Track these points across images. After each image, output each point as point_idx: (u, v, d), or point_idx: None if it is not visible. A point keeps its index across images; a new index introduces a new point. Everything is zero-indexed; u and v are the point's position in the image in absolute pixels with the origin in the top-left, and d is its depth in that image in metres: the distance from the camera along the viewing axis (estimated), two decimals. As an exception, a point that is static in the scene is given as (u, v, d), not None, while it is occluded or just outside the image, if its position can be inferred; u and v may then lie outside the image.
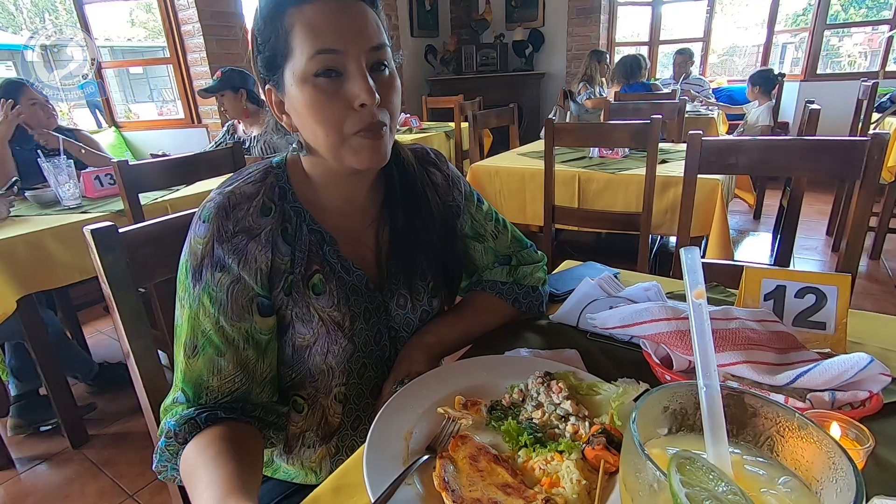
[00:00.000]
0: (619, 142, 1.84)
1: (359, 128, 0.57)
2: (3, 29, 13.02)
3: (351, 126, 0.57)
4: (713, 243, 1.69)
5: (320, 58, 0.55)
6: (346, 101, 0.56)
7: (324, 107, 0.56)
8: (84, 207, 1.75)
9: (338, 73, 0.55)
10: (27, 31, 13.06)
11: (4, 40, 11.38)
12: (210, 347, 0.59)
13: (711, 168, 1.23)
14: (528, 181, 2.06)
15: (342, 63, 0.55)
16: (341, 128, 0.57)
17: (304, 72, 0.55)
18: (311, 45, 0.55)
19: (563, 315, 0.77)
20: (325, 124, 0.57)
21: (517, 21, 5.29)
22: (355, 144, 0.58)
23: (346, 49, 0.55)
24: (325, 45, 0.54)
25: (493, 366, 0.65)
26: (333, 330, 0.65)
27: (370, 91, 0.55)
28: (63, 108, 9.67)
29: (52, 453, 1.74)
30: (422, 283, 0.73)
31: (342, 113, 0.56)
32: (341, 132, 0.57)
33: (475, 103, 3.51)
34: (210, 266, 0.59)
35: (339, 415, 0.70)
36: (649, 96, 3.30)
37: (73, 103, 8.03)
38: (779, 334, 0.59)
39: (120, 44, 10.21)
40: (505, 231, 0.81)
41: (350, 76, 0.55)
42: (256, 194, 0.62)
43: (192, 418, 0.56)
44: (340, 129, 0.57)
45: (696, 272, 0.34)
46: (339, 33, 0.55)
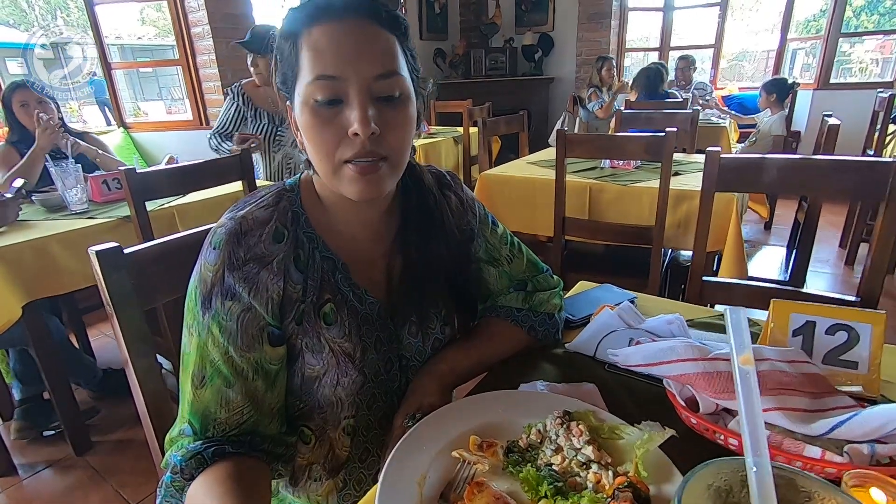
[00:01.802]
0: (633, 154, 1.81)
1: (350, 156, 0.54)
2: (16, 26, 13.15)
3: (343, 153, 0.55)
4: (727, 259, 1.66)
5: (320, 83, 0.53)
6: (342, 127, 0.54)
7: (319, 131, 0.54)
8: (91, 213, 1.73)
9: (339, 100, 0.54)
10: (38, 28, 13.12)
11: (16, 38, 11.46)
12: (218, 378, 0.57)
13: (729, 186, 1.20)
14: (538, 191, 2.03)
15: (343, 90, 0.53)
16: (334, 154, 0.55)
17: (305, 95, 0.54)
18: (313, 70, 0.53)
19: (580, 345, 0.75)
20: (318, 149, 0.55)
21: (527, 25, 5.27)
22: (348, 175, 0.56)
23: (348, 76, 0.53)
24: (324, 71, 0.53)
25: (508, 401, 0.62)
26: (344, 361, 0.63)
27: (364, 121, 0.52)
28: (73, 106, 9.75)
29: (55, 460, 1.73)
30: (434, 311, 0.71)
31: (336, 139, 0.54)
32: (334, 158, 0.55)
33: (484, 109, 3.49)
34: (220, 294, 0.57)
35: (348, 448, 0.68)
36: (662, 105, 3.25)
37: (83, 101, 8.07)
38: (811, 377, 0.57)
39: (130, 42, 10.27)
40: (520, 255, 0.79)
41: (349, 104, 0.53)
42: (269, 220, 0.60)
43: (198, 453, 0.54)
44: (333, 155, 0.55)
45: (742, 334, 0.31)
46: (342, 59, 0.52)
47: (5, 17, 13.51)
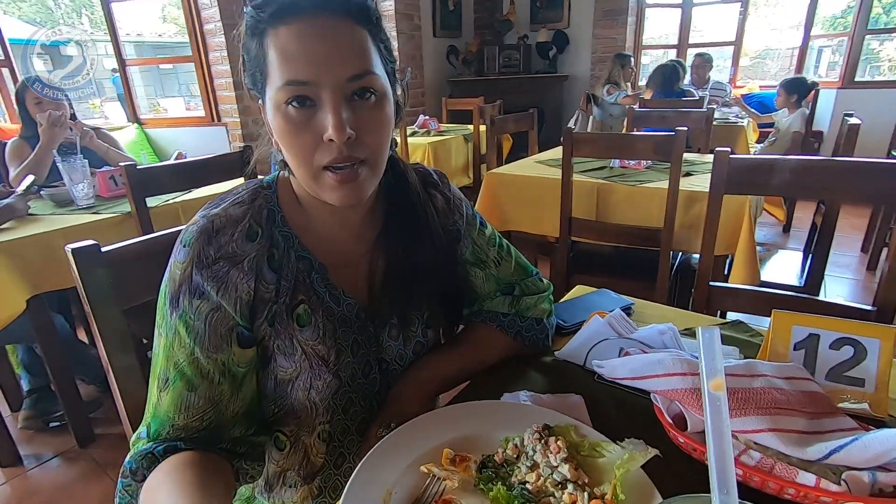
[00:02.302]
0: (642, 154, 1.76)
1: (328, 160, 0.52)
2: (42, 24, 13.46)
3: (320, 158, 0.53)
4: (739, 263, 1.60)
5: (290, 88, 0.51)
6: (317, 132, 0.52)
7: (293, 137, 0.52)
8: (96, 208, 1.75)
9: (311, 103, 0.51)
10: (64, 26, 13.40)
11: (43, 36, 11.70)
12: (181, 381, 0.55)
13: (739, 188, 1.15)
14: (545, 191, 1.99)
15: (315, 93, 0.51)
16: (311, 160, 0.53)
17: (276, 99, 0.52)
18: (283, 74, 0.51)
19: (570, 353, 0.71)
20: (295, 155, 0.53)
21: (542, 22, 5.19)
22: (328, 183, 0.54)
23: (319, 80, 0.50)
24: (294, 76, 0.50)
25: (488, 412, 0.60)
26: (317, 364, 0.61)
27: (339, 127, 0.50)
28: (95, 102, 9.96)
29: (59, 452, 1.75)
30: (416, 314, 0.69)
31: (312, 144, 0.52)
32: (311, 164, 0.53)
33: (495, 106, 3.45)
34: (188, 293, 0.55)
35: (323, 454, 0.66)
36: (676, 103, 3.17)
37: (105, 97, 8.23)
38: (811, 395, 0.53)
39: (152, 39, 10.44)
40: (508, 258, 0.76)
41: (322, 107, 0.51)
42: (242, 218, 0.58)
43: (149, 452, 0.52)
44: (310, 161, 0.53)
45: (714, 357, 0.28)
46: (312, 63, 0.50)
47: (32, 15, 13.88)
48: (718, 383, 0.28)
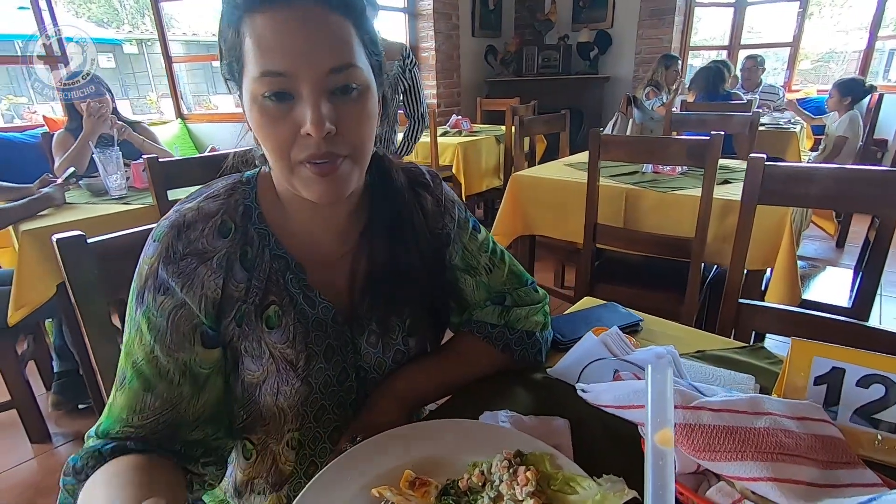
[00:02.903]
0: (674, 159, 1.66)
1: (305, 156, 0.50)
2: (107, 24, 14.24)
3: (298, 153, 0.50)
4: (777, 280, 1.48)
5: (266, 80, 0.48)
6: (295, 125, 0.49)
7: (271, 131, 0.49)
8: (127, 198, 1.81)
9: (289, 96, 0.48)
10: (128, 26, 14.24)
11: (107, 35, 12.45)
12: (137, 381, 0.53)
13: (775, 198, 1.06)
14: (570, 195, 1.92)
15: (293, 86, 0.48)
16: (288, 154, 0.50)
17: (252, 90, 0.49)
18: (258, 64, 0.48)
19: (562, 371, 0.66)
20: (272, 149, 0.51)
21: (584, 22, 5.06)
22: (304, 176, 0.51)
23: (297, 72, 0.47)
24: (271, 68, 0.47)
25: (460, 432, 0.55)
26: (285, 369, 0.58)
27: (318, 121, 0.47)
28: (152, 98, 10.41)
29: (85, 432, 1.82)
30: (397, 320, 0.65)
31: (289, 138, 0.49)
32: (289, 159, 0.50)
33: (529, 107, 3.37)
34: (153, 288, 0.53)
35: (292, 462, 0.63)
36: (719, 107, 3.00)
37: (161, 93, 8.64)
38: (826, 440, 0.46)
39: (206, 39, 10.89)
40: (501, 265, 0.71)
41: (300, 100, 0.48)
42: (216, 213, 0.56)
43: (96, 450, 0.50)
44: (288, 156, 0.50)
45: (665, 404, 0.23)
46: (290, 54, 0.47)
47: (100, 16, 14.74)
48: (666, 436, 0.23)
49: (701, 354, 0.71)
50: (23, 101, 7.43)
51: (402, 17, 4.60)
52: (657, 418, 0.23)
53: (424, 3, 4.46)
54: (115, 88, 2.18)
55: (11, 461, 1.68)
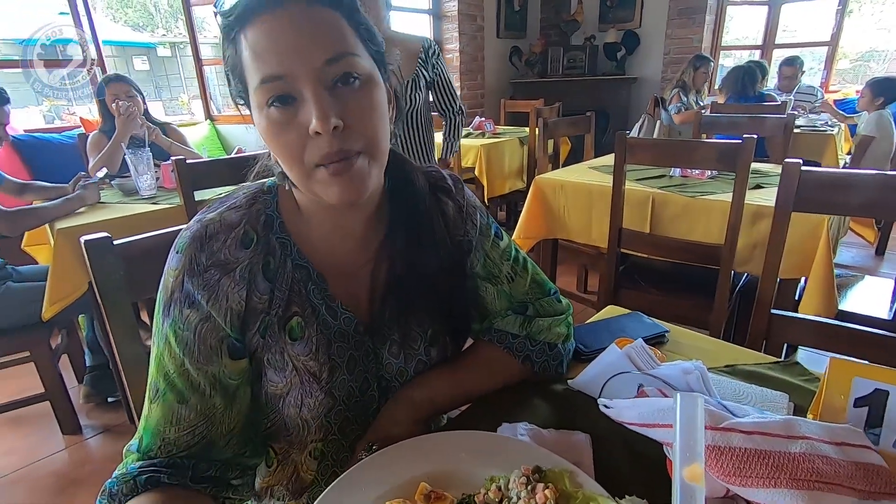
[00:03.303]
0: (703, 163, 1.61)
1: (319, 158, 0.49)
2: (143, 28, 14.69)
3: (311, 155, 0.49)
4: (812, 290, 1.42)
5: (267, 87, 0.48)
6: (302, 127, 0.48)
7: (280, 137, 0.49)
8: (157, 198, 1.85)
9: (292, 98, 0.48)
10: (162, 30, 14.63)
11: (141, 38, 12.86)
12: (171, 393, 0.53)
13: (811, 205, 1.01)
14: (595, 198, 1.88)
15: (293, 87, 0.47)
16: (302, 158, 0.49)
17: (257, 100, 0.49)
18: (256, 74, 0.48)
19: (584, 383, 0.64)
20: (284, 157, 0.50)
21: (611, 22, 4.98)
22: (321, 178, 0.50)
23: (293, 71, 0.47)
24: (268, 72, 0.47)
25: (477, 444, 0.54)
26: (308, 381, 0.58)
27: (323, 116, 0.46)
28: (184, 99, 10.69)
29: (114, 425, 1.87)
30: (418, 330, 0.64)
31: (300, 142, 0.48)
32: (303, 163, 0.49)
33: (554, 109, 3.33)
34: (179, 301, 0.53)
35: (314, 471, 0.63)
36: (751, 108, 2.90)
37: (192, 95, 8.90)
38: (867, 468, 0.43)
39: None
40: (524, 273, 0.69)
41: (303, 101, 0.48)
42: (238, 224, 0.56)
43: (132, 478, 0.50)
44: (302, 161, 0.49)
45: (695, 433, 0.21)
46: (283, 55, 0.46)
47: (136, 20, 15.23)
48: (695, 472, 0.21)
49: (731, 369, 0.68)
50: (62, 104, 7.74)
51: (427, 18, 4.61)
52: (686, 452, 0.21)
53: (449, 4, 4.46)
54: (149, 90, 2.25)
55: (44, 451, 1.74)
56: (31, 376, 1.73)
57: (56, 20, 2.85)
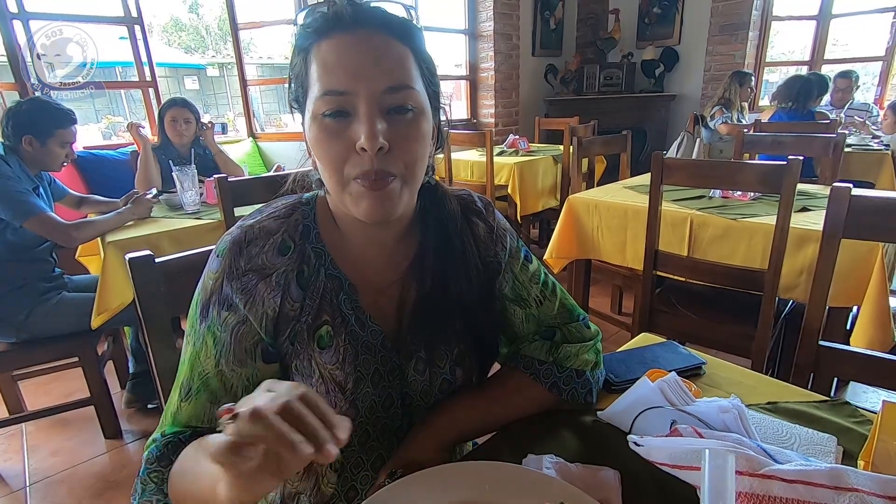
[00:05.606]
0: (745, 185, 1.55)
1: (358, 172, 0.51)
2: (194, 51, 15.50)
3: (351, 169, 0.52)
4: (865, 319, 1.34)
5: (327, 99, 0.51)
6: (350, 141, 0.51)
7: (327, 145, 0.52)
8: (200, 214, 1.93)
9: (347, 113, 0.51)
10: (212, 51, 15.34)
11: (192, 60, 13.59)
12: (205, 393, 0.56)
13: (862, 232, 0.95)
14: (630, 219, 1.84)
15: (351, 104, 0.51)
16: (342, 169, 0.52)
17: (314, 109, 0.52)
18: (321, 85, 0.51)
19: (614, 416, 0.62)
20: (327, 164, 0.53)
21: (649, 39, 4.92)
22: (355, 192, 0.53)
23: (356, 90, 0.50)
24: (332, 87, 0.51)
25: (501, 477, 0.53)
26: (334, 390, 0.59)
27: (372, 136, 0.49)
28: (230, 116, 11.23)
29: (151, 431, 1.92)
30: (445, 349, 0.64)
31: (344, 153, 0.51)
32: (342, 174, 0.52)
33: (588, 127, 3.30)
34: (217, 303, 0.56)
35: (334, 485, 0.63)
36: (796, 127, 2.78)
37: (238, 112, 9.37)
38: (925, 527, 0.39)
39: (280, 62, 11.65)
40: (553, 297, 0.68)
41: (357, 117, 0.51)
42: (276, 231, 0.59)
43: (174, 439, 0.53)
44: (341, 171, 0.52)
45: (725, 494, 0.20)
46: (349, 73, 0.50)
47: (189, 43, 16.12)
48: (724, 536, 0.20)
49: (773, 406, 0.64)
50: (119, 121, 8.29)
51: (463, 38, 4.68)
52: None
53: (485, 24, 4.51)
54: (199, 108, 2.40)
55: (87, 454, 1.81)
56: (75, 380, 1.81)
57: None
